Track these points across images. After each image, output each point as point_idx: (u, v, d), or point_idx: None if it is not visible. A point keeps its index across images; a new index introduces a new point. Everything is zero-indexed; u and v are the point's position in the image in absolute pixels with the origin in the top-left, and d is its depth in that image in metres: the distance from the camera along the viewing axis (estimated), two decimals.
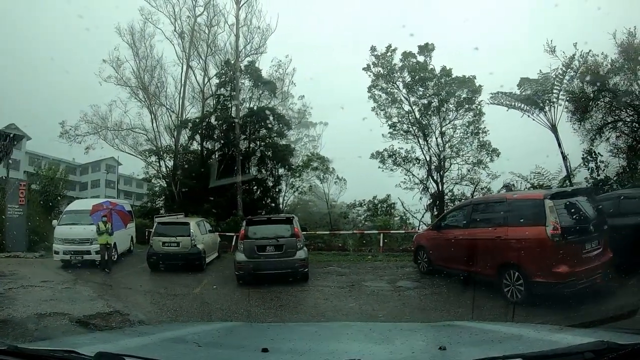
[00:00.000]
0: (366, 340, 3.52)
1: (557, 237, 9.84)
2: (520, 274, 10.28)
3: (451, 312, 10.48)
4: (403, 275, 15.30)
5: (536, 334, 3.04)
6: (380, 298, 12.36)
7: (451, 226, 13.80)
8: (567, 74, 23.82)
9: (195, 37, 32.93)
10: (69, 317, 10.29)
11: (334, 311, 11.03)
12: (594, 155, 23.06)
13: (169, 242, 17.42)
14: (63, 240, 18.41)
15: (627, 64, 21.53)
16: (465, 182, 28.58)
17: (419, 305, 11.40)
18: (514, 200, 11.88)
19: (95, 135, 31.54)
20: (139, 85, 31.69)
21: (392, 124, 29.24)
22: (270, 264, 13.97)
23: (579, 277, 9.67)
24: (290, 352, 2.95)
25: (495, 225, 11.55)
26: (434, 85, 28.49)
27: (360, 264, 18.63)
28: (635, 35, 21.68)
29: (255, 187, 32.36)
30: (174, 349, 3.05)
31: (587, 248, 10.17)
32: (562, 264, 9.73)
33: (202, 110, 33.13)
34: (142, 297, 13.42)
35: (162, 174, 33.65)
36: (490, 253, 11.17)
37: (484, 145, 28.33)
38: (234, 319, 10.44)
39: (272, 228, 15.06)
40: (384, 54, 29.29)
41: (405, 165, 29.14)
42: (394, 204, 30.61)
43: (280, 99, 33.22)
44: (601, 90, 22.49)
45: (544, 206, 10.23)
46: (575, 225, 10.32)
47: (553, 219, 9.97)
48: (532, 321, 6.98)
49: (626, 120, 22.88)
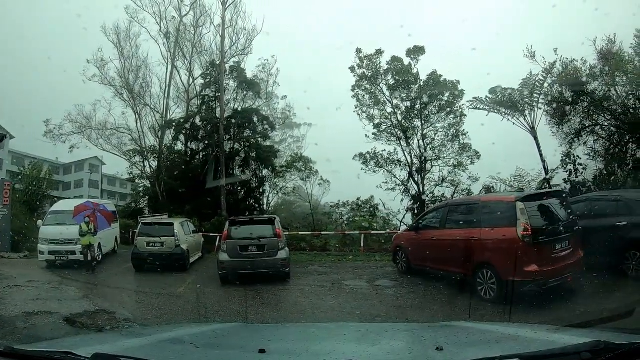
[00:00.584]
0: (363, 341, 3.54)
1: (528, 238, 10.31)
2: (493, 273, 10.76)
3: (426, 310, 10.98)
4: (382, 274, 15.73)
5: (533, 334, 3.07)
6: (358, 296, 12.77)
7: (428, 227, 14.26)
8: (547, 79, 24.45)
9: (181, 37, 32.92)
10: (56, 315, 10.52)
11: (314, 309, 11.44)
12: (573, 158, 23.53)
13: (153, 243, 17.67)
14: (48, 241, 18.57)
15: (606, 70, 22.13)
16: (446, 184, 29.02)
17: (395, 304, 11.81)
18: (487, 203, 12.48)
19: (79, 134, 31.57)
20: (124, 85, 31.65)
21: (377, 124, 29.67)
22: (253, 264, 14.33)
23: (549, 276, 10.19)
24: (288, 353, 3.01)
25: (470, 227, 12.04)
26: (418, 89, 28.94)
27: (341, 264, 19.08)
28: (614, 42, 22.30)
29: (240, 188, 32.45)
30: (171, 350, 3.08)
31: (558, 248, 10.66)
32: (532, 264, 10.24)
33: (187, 110, 33.20)
34: (127, 296, 13.72)
35: (146, 174, 33.67)
36: (465, 253, 11.58)
37: (465, 148, 28.85)
38: (218, 316, 10.81)
39: (255, 229, 15.39)
40: (371, 56, 29.66)
41: (387, 167, 29.53)
42: (377, 205, 30.88)
43: (265, 100, 33.31)
44: (580, 95, 23.07)
45: (515, 208, 10.69)
46: (545, 227, 10.87)
47: (524, 220, 10.44)
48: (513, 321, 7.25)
49: (604, 125, 23.45)
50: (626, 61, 21.59)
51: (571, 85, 22.97)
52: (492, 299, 10.55)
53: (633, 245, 11.50)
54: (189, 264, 18.19)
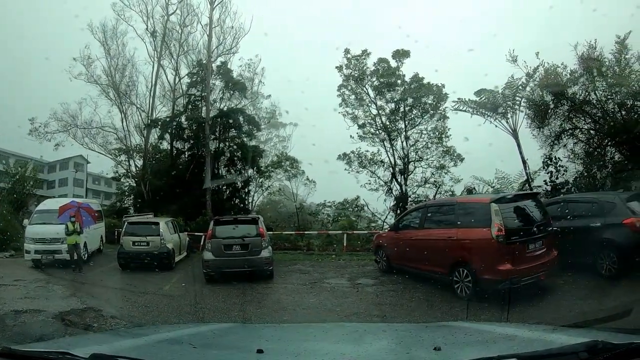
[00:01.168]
0: (361, 341, 3.56)
1: (501, 238, 10.81)
2: (469, 272, 11.26)
3: (404, 306, 11.48)
4: (363, 273, 16.18)
5: (530, 334, 3.07)
6: (339, 294, 13.25)
7: (407, 227, 14.76)
8: (530, 82, 24.96)
9: (168, 36, 32.86)
10: (44, 313, 10.70)
11: (295, 306, 11.87)
12: (554, 160, 24.05)
13: (139, 242, 17.97)
14: (34, 240, 18.68)
15: (586, 75, 22.61)
16: (429, 185, 29.45)
17: (374, 301, 12.31)
18: (463, 204, 12.98)
19: (64, 133, 31.54)
20: (110, 83, 31.71)
21: (362, 124, 30.02)
22: (237, 263, 14.71)
23: (523, 275, 10.63)
24: (285, 353, 3.07)
25: (447, 227, 12.59)
26: (403, 91, 29.33)
27: (324, 263, 19.49)
28: (595, 48, 22.68)
29: (225, 188, 32.55)
30: (169, 350, 3.09)
31: (531, 248, 11.19)
32: (506, 263, 10.74)
33: (173, 109, 33.17)
34: (113, 294, 13.94)
35: (132, 173, 33.71)
36: (442, 252, 12.09)
37: (448, 150, 29.31)
38: (202, 313, 11.17)
39: (239, 228, 15.80)
40: (358, 57, 30.02)
41: (370, 167, 29.90)
42: (363, 206, 31.42)
43: (250, 99, 33.50)
44: (560, 99, 23.54)
45: (489, 209, 11.19)
46: (519, 227, 11.36)
47: (498, 221, 10.94)
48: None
49: (583, 128, 23.95)
50: (606, 66, 22.08)
51: (552, 89, 23.47)
52: (467, 297, 10.97)
53: (606, 245, 12.07)
54: (174, 263, 18.49)
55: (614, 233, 12.05)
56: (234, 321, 9.90)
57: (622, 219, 12.06)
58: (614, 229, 12.10)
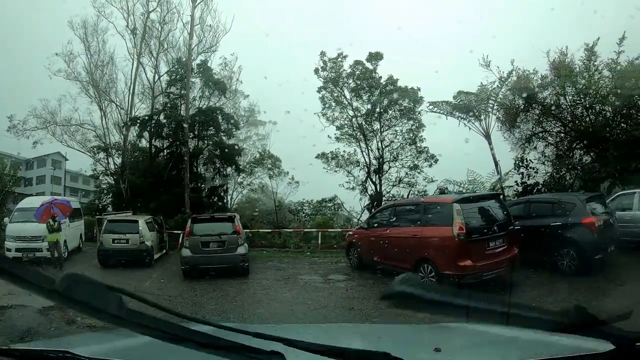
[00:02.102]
0: (359, 342, 3.55)
1: (462, 236, 11.65)
2: (433, 268, 12.09)
3: (371, 299, 12.26)
4: (336, 269, 17.04)
5: (532, 336, 2.88)
6: (311, 289, 14.06)
7: (377, 225, 15.60)
8: (503, 87, 26.04)
9: (148, 34, 32.84)
10: (30, 308, 11.07)
11: (269, 300, 12.62)
12: (525, 162, 25.06)
13: (118, 239, 18.39)
14: (15, 238, 19.07)
15: (557, 80, 23.49)
16: (403, 184, 30.31)
17: (344, 295, 13.16)
18: (428, 204, 13.91)
19: (43, 130, 31.46)
20: (90, 80, 31.58)
21: (339, 125, 30.72)
22: (214, 259, 15.42)
23: (482, 270, 11.56)
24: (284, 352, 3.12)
25: (413, 225, 13.44)
26: (379, 93, 30.03)
27: (299, 260, 20.21)
28: (566, 54, 23.67)
29: (203, 186, 32.97)
30: (169, 349, 2.90)
31: (491, 245, 12.03)
32: (466, 259, 11.62)
33: (152, 107, 33.24)
34: None
35: (110, 171, 33.63)
36: (409, 249, 12.95)
37: (422, 151, 30.16)
38: (182, 308, 11.61)
39: (216, 226, 16.47)
40: (334, 59, 30.66)
41: (347, 167, 30.67)
42: (339, 204, 32.17)
43: (229, 98, 33.93)
44: (531, 103, 24.48)
45: (452, 209, 12.05)
46: (479, 226, 12.26)
47: (459, 220, 11.78)
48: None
49: (553, 131, 24.98)
50: (575, 73, 22.97)
51: (524, 94, 24.35)
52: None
53: (566, 243, 13.03)
54: (153, 260, 19.00)
55: (574, 232, 12.99)
56: (212, 315, 10.58)
57: (582, 218, 13.03)
58: (574, 228, 13.03)
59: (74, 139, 32.44)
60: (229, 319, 10.45)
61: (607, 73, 22.54)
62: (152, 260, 18.97)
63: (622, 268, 13.06)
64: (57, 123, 31.59)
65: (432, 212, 13.13)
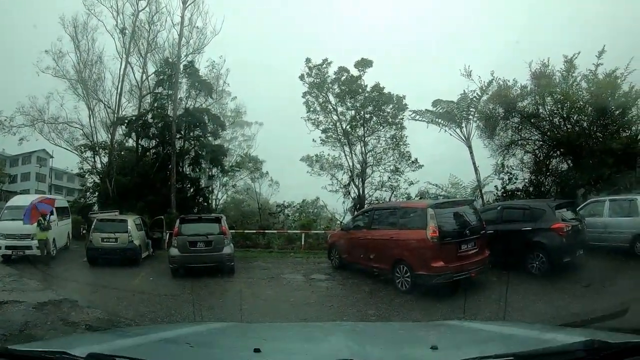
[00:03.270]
0: (358, 340, 3.65)
1: (435, 239, 12.64)
2: (408, 268, 13.09)
3: (350, 297, 13.40)
4: (318, 269, 17.98)
5: (527, 333, 3.09)
6: (293, 287, 15.10)
7: (357, 228, 16.62)
8: (483, 95, 27.23)
9: (137, 34, 33.11)
10: (25, 304, 11.62)
11: (254, 297, 13.46)
12: (505, 169, 26.32)
13: (107, 238, 19.02)
14: (4, 236, 19.32)
15: (537, 90, 24.66)
16: (385, 188, 31.35)
17: (325, 293, 14.15)
18: (405, 208, 15.00)
19: (30, 127, 31.88)
20: (78, 79, 31.88)
21: (324, 129, 31.73)
22: (201, 258, 16.23)
23: (454, 271, 12.54)
24: (282, 352, 3.14)
25: (390, 228, 14.45)
26: (363, 99, 31.11)
27: (283, 260, 21.13)
28: (547, 66, 24.77)
29: (189, 186, 33.47)
30: (166, 349, 3.15)
31: (463, 248, 13.02)
32: (439, 261, 12.58)
33: (139, 107, 33.53)
34: (85, 287, 15.16)
35: (97, 170, 33.88)
36: (385, 251, 13.99)
37: (404, 156, 31.26)
38: (171, 304, 12.52)
39: (203, 226, 17.32)
40: (319, 66, 31.63)
41: (330, 170, 31.71)
42: (322, 207, 33.33)
43: (217, 99, 34.57)
44: (511, 112, 25.60)
45: (426, 214, 13.01)
46: (452, 230, 13.21)
47: (432, 224, 12.75)
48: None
49: (531, 139, 26.14)
50: (554, 84, 24.09)
51: (503, 103, 25.55)
52: (407, 291, 12.85)
53: (536, 247, 14.13)
54: (141, 258, 19.63)
55: (543, 236, 14.10)
56: (201, 311, 11.16)
57: (551, 224, 14.14)
58: (544, 233, 14.14)
59: (62, 137, 32.75)
60: (216, 314, 11.23)
61: (584, 85, 23.72)
62: (140, 259, 19.58)
63: (589, 271, 14.00)
64: (44, 121, 31.91)
65: (408, 216, 14.09)
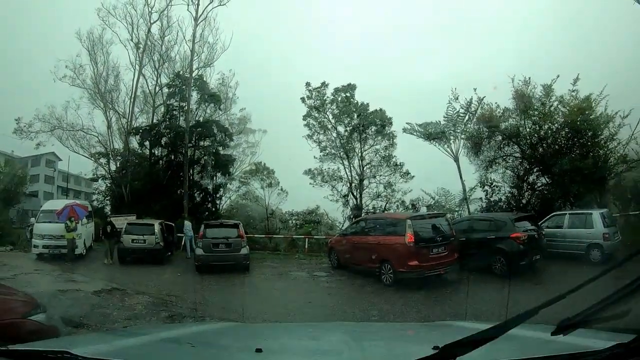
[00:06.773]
0: (360, 340, 3.70)
1: (411, 244, 16.19)
2: (391, 266, 16.60)
3: (345, 289, 17.01)
4: (319, 268, 21.69)
5: (530, 334, 2.91)
6: (300, 281, 18.96)
7: (352, 234, 20.37)
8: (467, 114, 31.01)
9: (149, 46, 35.89)
10: (82, 292, 14.10)
11: (269, 288, 17.21)
12: (489, 182, 29.76)
13: (136, 239, 22.18)
14: (42, 236, 22.37)
15: (517, 111, 28.02)
16: (381, 198, 34.96)
17: (325, 287, 17.80)
18: (390, 219, 18.78)
19: (48, 133, 34.28)
20: (96, 90, 34.52)
21: (323, 147, 35.40)
22: (222, 257, 19.60)
23: (426, 269, 16.05)
24: (284, 352, 3.25)
25: (378, 234, 18.14)
26: (358, 117, 34.83)
27: (289, 260, 24.95)
28: (529, 83, 27.98)
29: (198, 192, 36.14)
30: (168, 349, 3.24)
31: (434, 252, 16.40)
32: (414, 260, 16.06)
33: (152, 117, 36.46)
34: (125, 277, 17.91)
35: (112, 175, 36.66)
36: (373, 253, 17.51)
37: (397, 167, 34.86)
38: (206, 292, 15.28)
39: (223, 230, 20.63)
40: (318, 88, 35.38)
41: (331, 182, 35.25)
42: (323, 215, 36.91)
43: (224, 111, 37.25)
44: (494, 131, 28.86)
45: (405, 223, 16.69)
46: (425, 237, 16.62)
47: (410, 232, 16.32)
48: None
49: (512, 155, 29.46)
50: (533, 107, 27.31)
51: (488, 124, 28.98)
52: (389, 285, 16.36)
53: (497, 252, 17.49)
54: (164, 258, 22.85)
55: (504, 244, 17.34)
56: (225, 300, 13.94)
57: (510, 233, 17.49)
58: (504, 240, 17.38)
59: (79, 144, 35.49)
60: (241, 299, 13.61)
61: (561, 108, 26.87)
62: (164, 259, 22.81)
63: (544, 272, 17.24)
64: (63, 128, 34.56)
65: (392, 225, 17.70)
